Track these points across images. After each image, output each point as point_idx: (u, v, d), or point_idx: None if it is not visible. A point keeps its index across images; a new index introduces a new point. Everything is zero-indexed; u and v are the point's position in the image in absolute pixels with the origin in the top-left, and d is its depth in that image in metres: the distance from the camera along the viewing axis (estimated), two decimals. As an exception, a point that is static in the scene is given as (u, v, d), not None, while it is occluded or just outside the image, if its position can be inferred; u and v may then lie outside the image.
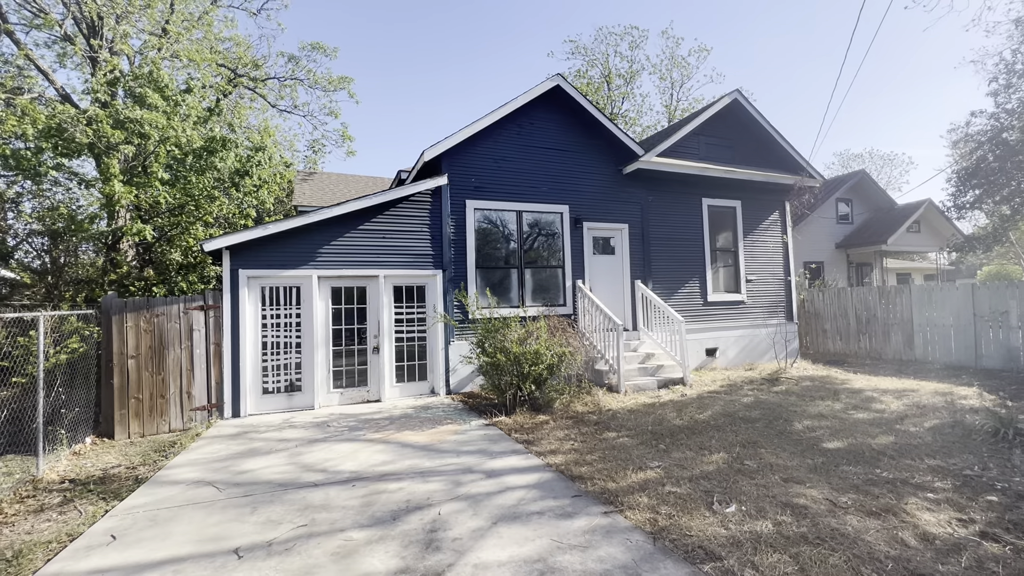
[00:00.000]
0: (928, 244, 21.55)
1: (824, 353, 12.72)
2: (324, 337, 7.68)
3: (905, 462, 4.63)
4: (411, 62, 70.56)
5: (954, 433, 5.42)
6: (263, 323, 7.39)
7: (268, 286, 7.45)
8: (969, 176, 9.35)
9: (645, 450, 5.12)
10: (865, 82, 60.83)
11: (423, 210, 8.36)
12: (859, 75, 55.81)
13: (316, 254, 7.63)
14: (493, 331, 6.93)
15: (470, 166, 8.76)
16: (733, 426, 5.85)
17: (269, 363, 7.39)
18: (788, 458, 4.77)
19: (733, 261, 11.08)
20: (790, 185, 11.27)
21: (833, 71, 61.53)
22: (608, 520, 3.53)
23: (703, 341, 10.35)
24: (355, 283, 7.95)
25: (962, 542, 3.15)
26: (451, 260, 8.47)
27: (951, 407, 6.53)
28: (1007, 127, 9.02)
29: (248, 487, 4.36)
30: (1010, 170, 8.66)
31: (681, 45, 28.22)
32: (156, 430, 6.62)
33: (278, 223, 7.26)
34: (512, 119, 9.07)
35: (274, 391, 7.40)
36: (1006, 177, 8.90)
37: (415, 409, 7.29)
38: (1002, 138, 8.70)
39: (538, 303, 9.10)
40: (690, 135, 10.54)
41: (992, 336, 9.77)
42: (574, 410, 6.87)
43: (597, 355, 8.60)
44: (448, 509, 3.76)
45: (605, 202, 9.83)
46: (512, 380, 6.69)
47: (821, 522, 3.39)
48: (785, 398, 7.23)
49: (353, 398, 7.84)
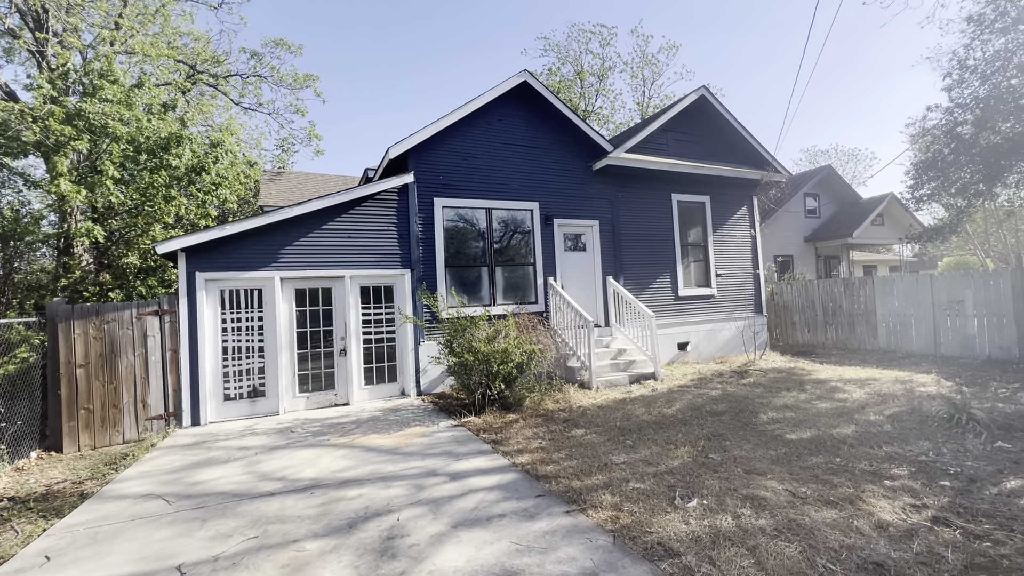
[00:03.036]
0: (891, 236, 22.27)
1: (793, 345, 12.99)
2: (288, 340, 7.46)
3: (864, 450, 4.71)
4: (382, 63, 69.70)
5: (912, 420, 5.56)
6: (223, 327, 7.13)
7: (228, 289, 7.19)
8: (926, 168, 9.64)
9: (612, 446, 5.09)
10: (827, 79, 62.57)
11: (390, 208, 8.20)
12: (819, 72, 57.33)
13: (278, 255, 7.40)
14: (461, 330, 6.83)
15: (437, 163, 8.63)
16: (700, 419, 5.88)
17: (231, 368, 7.14)
18: (752, 450, 4.81)
19: (703, 256, 11.21)
20: (757, 180, 11.45)
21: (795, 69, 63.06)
22: (570, 520, 3.48)
23: (674, 336, 10.43)
24: (320, 284, 7.74)
25: (915, 528, 3.19)
26: (420, 259, 8.33)
27: (910, 395, 6.70)
28: (960, 122, 9.32)
29: (200, 499, 4.17)
30: (964, 163, 8.95)
31: (651, 43, 28.44)
32: (109, 442, 6.32)
33: (236, 223, 7.01)
34: (480, 116, 8.96)
35: (236, 397, 7.15)
36: (959, 170, 9.21)
37: (384, 412, 7.14)
38: (956, 132, 8.99)
39: (510, 301, 9.03)
40: (659, 131, 10.61)
41: (950, 324, 10.11)
42: (545, 408, 6.82)
43: (569, 352, 8.58)
44: (408, 515, 3.66)
45: (576, 199, 9.81)
46: (481, 380, 6.60)
47: (780, 514, 3.40)
48: (752, 390, 7.32)
49: (320, 402, 7.64)
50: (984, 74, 8.77)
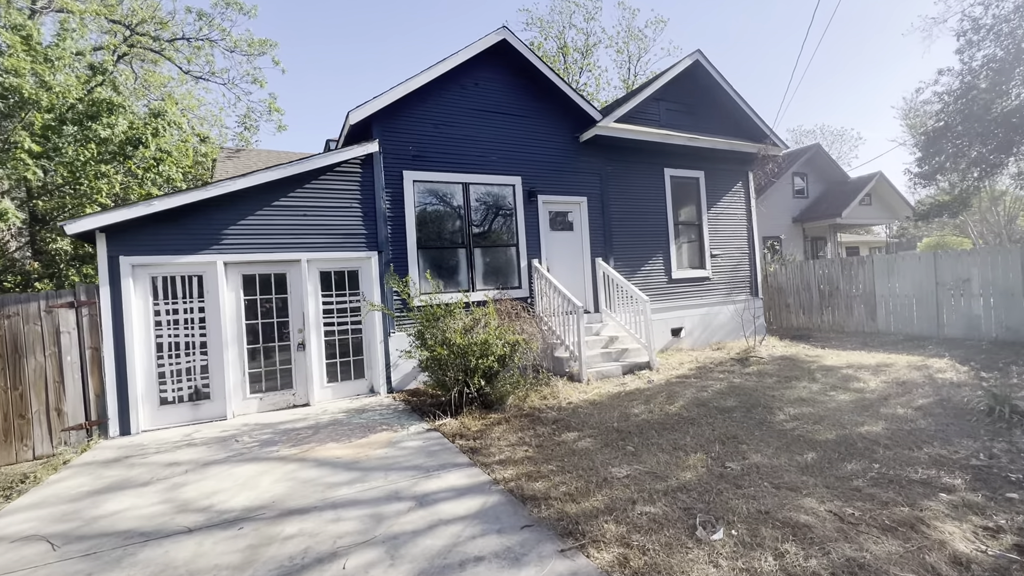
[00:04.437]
0: (879, 216, 21.95)
1: (788, 328, 12.45)
2: (236, 334, 6.50)
3: (904, 453, 4.04)
4: (353, 34, 67.01)
5: (945, 414, 4.92)
6: (157, 320, 6.14)
7: (161, 275, 6.17)
8: (936, 139, 9.01)
9: (611, 454, 4.33)
10: (816, 62, 62.13)
11: (352, 182, 7.22)
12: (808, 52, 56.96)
13: (222, 236, 6.40)
14: (434, 320, 5.97)
15: (407, 132, 7.65)
16: (709, 418, 5.16)
17: (167, 368, 6.17)
18: (774, 455, 4.09)
19: (697, 235, 10.48)
20: (753, 154, 10.72)
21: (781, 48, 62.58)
22: (567, 564, 2.70)
23: (668, 321, 9.73)
24: (273, 269, 6.77)
25: (1003, 565, 2.49)
26: (388, 240, 7.40)
27: (932, 383, 6.10)
28: (972, 87, 8.68)
29: (95, 541, 3.28)
30: (977, 132, 8.32)
31: (637, 16, 27.43)
32: (15, 459, 5.33)
33: (166, 198, 5.97)
34: (454, 79, 7.98)
35: (175, 401, 6.19)
36: (972, 140, 8.59)
37: (348, 413, 6.27)
38: (971, 97, 8.34)
39: (490, 286, 8.17)
40: (650, 100, 9.75)
41: (954, 305, 9.61)
42: (531, 405, 6.03)
43: (556, 341, 7.80)
44: (358, 562, 2.83)
45: (561, 173, 8.94)
46: (458, 376, 5.77)
47: (833, 550, 2.67)
48: (759, 381, 6.64)
49: (276, 403, 6.72)
50: (1000, 33, 8.10)
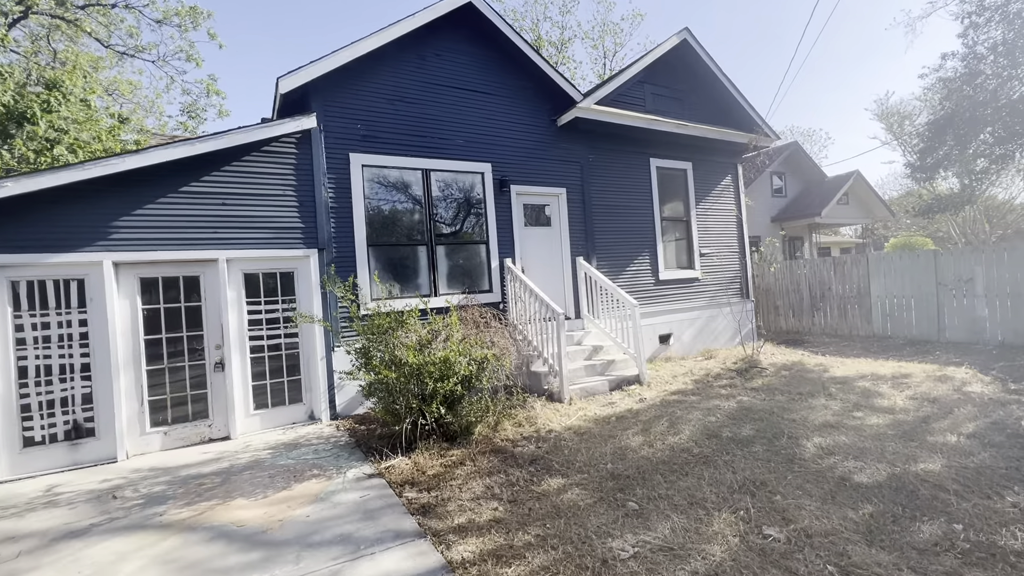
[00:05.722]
0: (856, 216, 21.77)
1: (778, 332, 11.72)
2: (131, 353, 5.17)
3: (983, 504, 3.10)
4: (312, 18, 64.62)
5: (1009, 442, 4.04)
6: (20, 337, 4.76)
7: (26, 279, 4.80)
8: (942, 128, 8.35)
9: (608, 515, 3.25)
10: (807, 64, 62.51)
11: (285, 165, 5.96)
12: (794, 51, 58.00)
13: (111, 229, 5.06)
14: (381, 333, 4.79)
15: (355, 107, 6.44)
16: (725, 454, 4.14)
17: (34, 399, 4.79)
18: (821, 513, 3.09)
19: (685, 233, 9.58)
20: (744, 144, 9.91)
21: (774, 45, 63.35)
22: None
23: (656, 326, 8.77)
24: (181, 271, 5.45)
25: None
26: (331, 236, 6.17)
27: (967, 399, 5.27)
28: (978, 72, 8.04)
29: None
30: (986, 119, 7.67)
31: (613, 10, 26.74)
32: None
33: (28, 177, 4.62)
34: (410, 47, 6.82)
35: (45, 440, 4.82)
36: (978, 127, 7.94)
37: (275, 450, 5.02)
38: (978, 82, 7.69)
39: (456, 290, 7.03)
40: (635, 82, 8.80)
41: (956, 306, 8.98)
42: (503, 437, 4.91)
43: (533, 353, 6.71)
44: None
45: (538, 161, 7.87)
46: (411, 403, 4.60)
47: None
48: (771, 399, 5.69)
49: (186, 438, 5.40)
50: (1008, 13, 7.46)
